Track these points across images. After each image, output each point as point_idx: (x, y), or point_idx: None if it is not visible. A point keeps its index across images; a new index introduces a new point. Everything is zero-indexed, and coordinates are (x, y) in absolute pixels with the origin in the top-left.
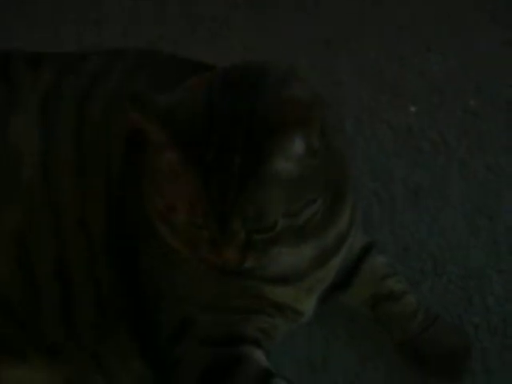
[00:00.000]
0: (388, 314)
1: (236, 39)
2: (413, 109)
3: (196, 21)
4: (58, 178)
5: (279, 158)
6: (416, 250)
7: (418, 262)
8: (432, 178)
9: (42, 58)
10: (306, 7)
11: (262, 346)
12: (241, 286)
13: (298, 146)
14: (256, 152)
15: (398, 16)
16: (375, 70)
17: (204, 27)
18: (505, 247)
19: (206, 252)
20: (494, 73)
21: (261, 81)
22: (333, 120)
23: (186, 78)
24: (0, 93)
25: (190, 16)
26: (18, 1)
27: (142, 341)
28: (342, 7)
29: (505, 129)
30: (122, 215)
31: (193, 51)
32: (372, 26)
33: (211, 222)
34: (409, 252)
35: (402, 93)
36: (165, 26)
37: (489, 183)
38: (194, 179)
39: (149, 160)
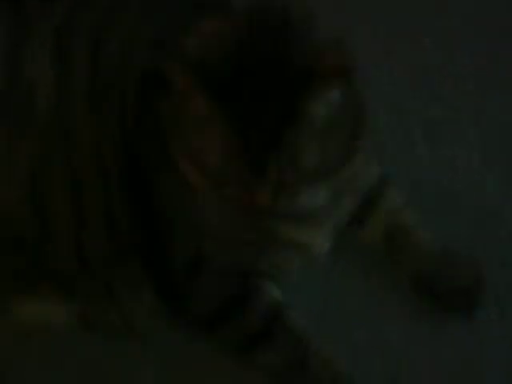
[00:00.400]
0: (402, 248)
1: None
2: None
3: None
4: (72, 111)
5: (316, 106)
6: (429, 184)
7: (431, 196)
8: (447, 113)
9: None
10: None
11: (275, 279)
12: (255, 224)
13: (334, 95)
14: (293, 99)
15: None
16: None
17: None
18: None
19: (236, 193)
20: None
21: (288, 26)
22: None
23: (205, 15)
24: (14, 24)
25: None
26: None
27: (155, 274)
28: None
29: None
30: (137, 149)
31: None
32: None
33: (245, 167)
34: (423, 186)
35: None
36: None
37: (505, 123)
38: (228, 125)
39: (172, 104)
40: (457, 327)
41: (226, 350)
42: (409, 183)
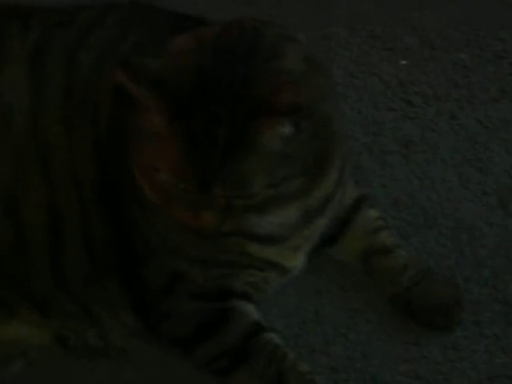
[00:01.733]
0: (379, 268)
1: None
2: (403, 62)
3: None
4: (47, 129)
5: (266, 139)
6: (407, 202)
7: (408, 214)
8: (422, 131)
9: (32, 10)
10: None
11: (251, 300)
12: (225, 243)
13: (285, 128)
14: (243, 127)
15: None
16: (366, 23)
17: None
18: (495, 199)
19: (185, 213)
20: (483, 26)
21: (255, 47)
22: (322, 81)
23: (177, 32)
24: None
25: None
26: None
27: (133, 294)
28: None
29: (494, 81)
30: (110, 165)
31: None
32: None
33: (192, 186)
34: (399, 205)
35: (393, 46)
36: None
37: (478, 136)
38: (179, 144)
39: (135, 117)
40: (434, 345)
41: (203, 370)
42: (385, 202)
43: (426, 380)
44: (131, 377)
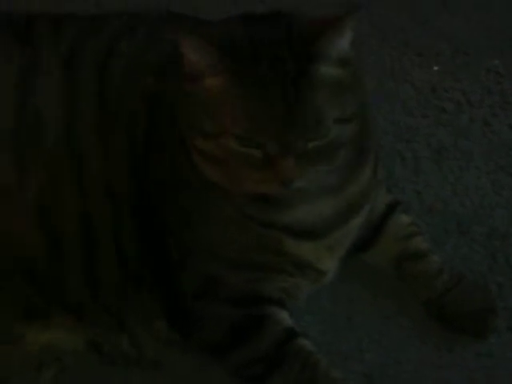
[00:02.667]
0: (413, 273)
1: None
2: (436, 68)
3: None
4: (81, 140)
5: (324, 57)
6: (440, 209)
7: (442, 221)
8: (455, 138)
9: (63, 20)
10: None
11: (285, 306)
12: (263, 238)
13: (336, 43)
14: (303, 58)
15: None
16: (397, 30)
17: None
18: None
19: (256, 177)
20: None
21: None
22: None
23: None
24: (23, 56)
25: None
26: None
27: (166, 301)
28: None
29: None
30: (148, 172)
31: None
32: None
33: (270, 131)
34: (433, 211)
35: (425, 53)
36: None
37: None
38: (250, 95)
39: (188, 95)
40: (468, 351)
41: (237, 377)
42: (419, 208)
43: None
44: None
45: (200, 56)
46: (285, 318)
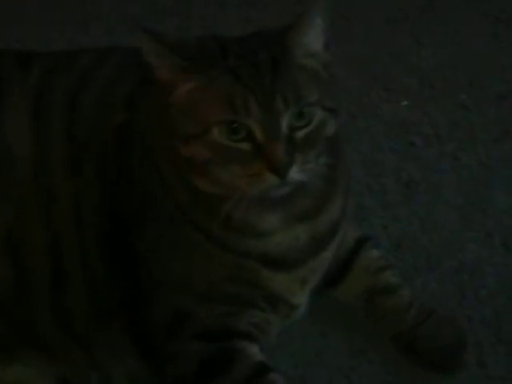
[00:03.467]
0: (383, 308)
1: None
2: (405, 103)
3: (187, 18)
4: (50, 173)
5: (295, 46)
6: (409, 244)
7: (410, 256)
8: (424, 172)
9: (32, 56)
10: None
11: (256, 341)
12: (238, 269)
13: (304, 34)
14: (274, 48)
15: (385, 9)
16: (365, 64)
17: (196, 25)
18: (497, 240)
19: (251, 167)
20: (485, 66)
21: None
22: None
23: None
24: None
25: (183, 13)
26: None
27: (136, 335)
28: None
29: (496, 122)
30: (118, 204)
31: None
32: (359, 19)
33: (254, 111)
34: (401, 246)
35: (394, 87)
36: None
37: (481, 176)
38: (229, 82)
39: (166, 108)
40: None
41: None
42: (387, 243)
43: None
44: None
45: (167, 63)
46: (256, 352)
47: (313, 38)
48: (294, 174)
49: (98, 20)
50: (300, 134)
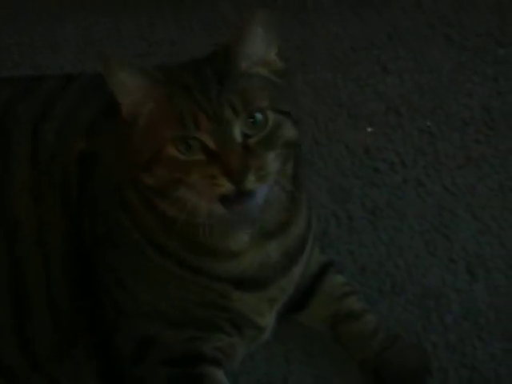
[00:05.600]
0: (348, 333)
1: None
2: (369, 129)
3: (153, 43)
4: (12, 199)
5: (242, 55)
6: (374, 269)
7: (376, 281)
8: (389, 198)
9: None
10: None
11: (221, 366)
12: (209, 292)
13: (249, 41)
14: (222, 60)
15: (350, 36)
16: (331, 90)
17: (162, 50)
18: (462, 266)
19: (210, 176)
20: (450, 93)
21: None
22: None
23: None
24: None
25: (148, 39)
26: None
27: (101, 362)
28: (293, 29)
29: (460, 148)
30: (81, 231)
31: None
32: (325, 46)
33: (203, 124)
34: (367, 271)
35: (359, 113)
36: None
37: (445, 202)
38: (176, 99)
39: (128, 136)
40: None
41: None
42: (352, 268)
43: None
44: None
45: (129, 85)
46: (221, 377)
47: (257, 48)
48: (252, 183)
49: (65, 45)
50: (255, 139)
